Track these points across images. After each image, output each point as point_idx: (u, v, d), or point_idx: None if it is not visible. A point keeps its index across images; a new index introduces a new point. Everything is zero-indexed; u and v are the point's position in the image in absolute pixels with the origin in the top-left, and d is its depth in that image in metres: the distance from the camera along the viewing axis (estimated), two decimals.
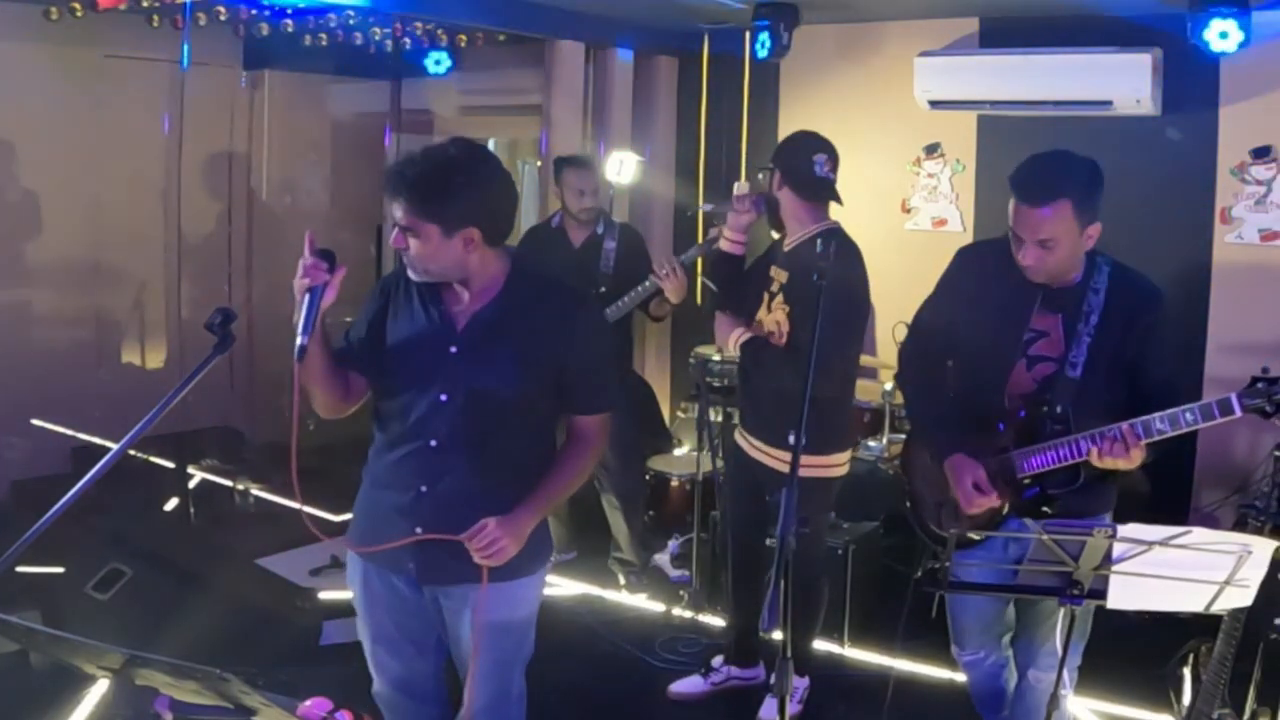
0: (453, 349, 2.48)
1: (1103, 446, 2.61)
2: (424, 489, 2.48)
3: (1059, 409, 2.74)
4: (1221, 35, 4.61)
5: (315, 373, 2.47)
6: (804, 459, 3.39)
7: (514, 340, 2.47)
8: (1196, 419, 2.54)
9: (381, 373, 2.56)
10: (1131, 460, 2.59)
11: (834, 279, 3.17)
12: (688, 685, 4.01)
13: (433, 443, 2.47)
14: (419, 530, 2.47)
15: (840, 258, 3.29)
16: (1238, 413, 2.51)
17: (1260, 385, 2.52)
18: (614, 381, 2.73)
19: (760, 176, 3.71)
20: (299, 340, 2.35)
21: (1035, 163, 2.71)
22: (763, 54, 5.73)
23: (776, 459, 3.61)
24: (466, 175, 2.41)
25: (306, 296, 2.37)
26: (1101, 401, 2.68)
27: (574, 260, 4.71)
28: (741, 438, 3.79)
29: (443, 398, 2.46)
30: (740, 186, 3.83)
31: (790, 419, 3.35)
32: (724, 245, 3.70)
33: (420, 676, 2.69)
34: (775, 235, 3.74)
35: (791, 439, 3.37)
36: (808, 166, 3.55)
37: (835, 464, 3.65)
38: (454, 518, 2.44)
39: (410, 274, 2.51)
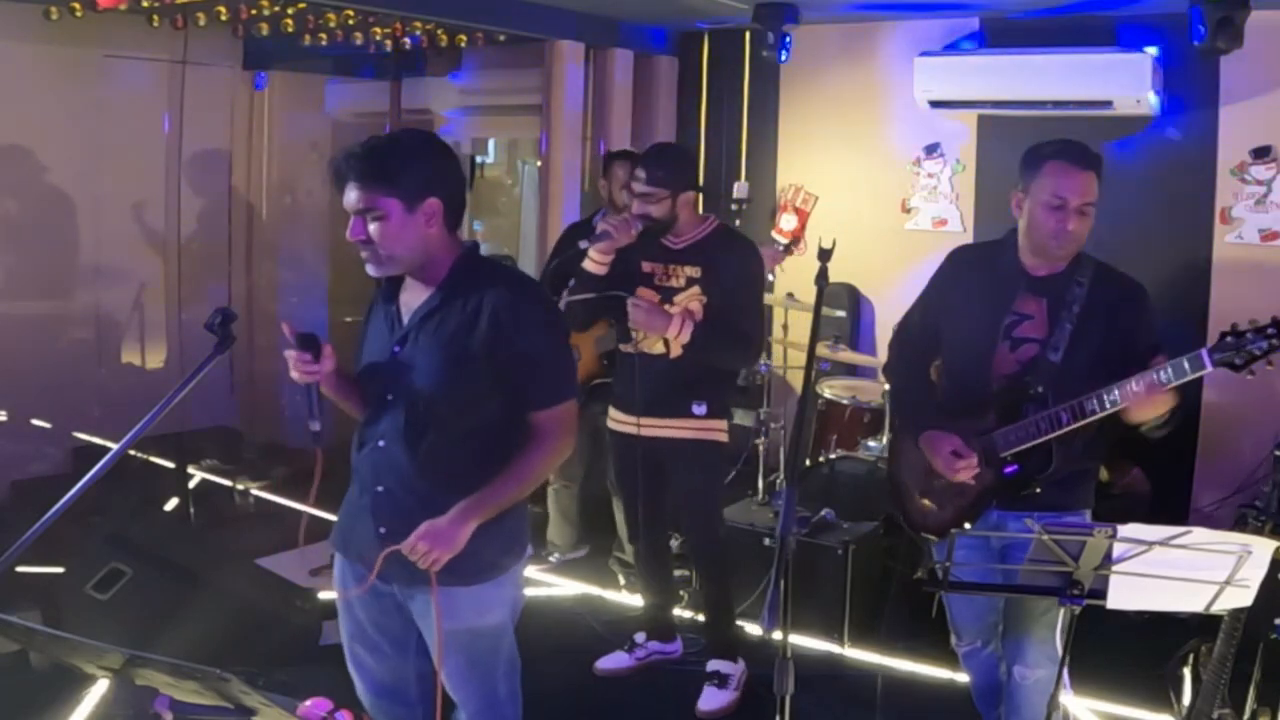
0: (396, 348, 2.46)
1: (1136, 393, 2.62)
2: (380, 489, 2.48)
3: (1038, 389, 2.81)
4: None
5: (341, 401, 2.56)
6: (705, 424, 3.76)
7: (449, 335, 2.41)
8: (1170, 377, 2.60)
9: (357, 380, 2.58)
10: (1160, 401, 2.62)
11: (755, 264, 3.71)
12: (613, 661, 4.15)
13: (381, 443, 2.47)
14: (383, 530, 2.46)
15: (752, 247, 3.81)
16: (1208, 367, 2.55)
17: (1229, 339, 2.56)
18: (570, 373, 2.57)
19: (646, 201, 3.67)
20: (314, 427, 2.37)
21: (1068, 140, 2.86)
22: (782, 58, 5.76)
23: (678, 428, 3.77)
24: (416, 143, 2.42)
25: (305, 389, 2.38)
26: (1081, 387, 2.72)
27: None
28: (626, 424, 3.84)
29: (389, 398, 2.46)
30: (609, 220, 3.83)
31: (693, 390, 3.73)
32: (591, 267, 3.71)
33: (401, 680, 2.63)
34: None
35: (695, 408, 3.73)
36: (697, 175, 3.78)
37: (724, 429, 3.85)
38: (407, 519, 2.40)
39: (371, 269, 2.42)
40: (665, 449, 3.83)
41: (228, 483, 5.95)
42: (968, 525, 2.91)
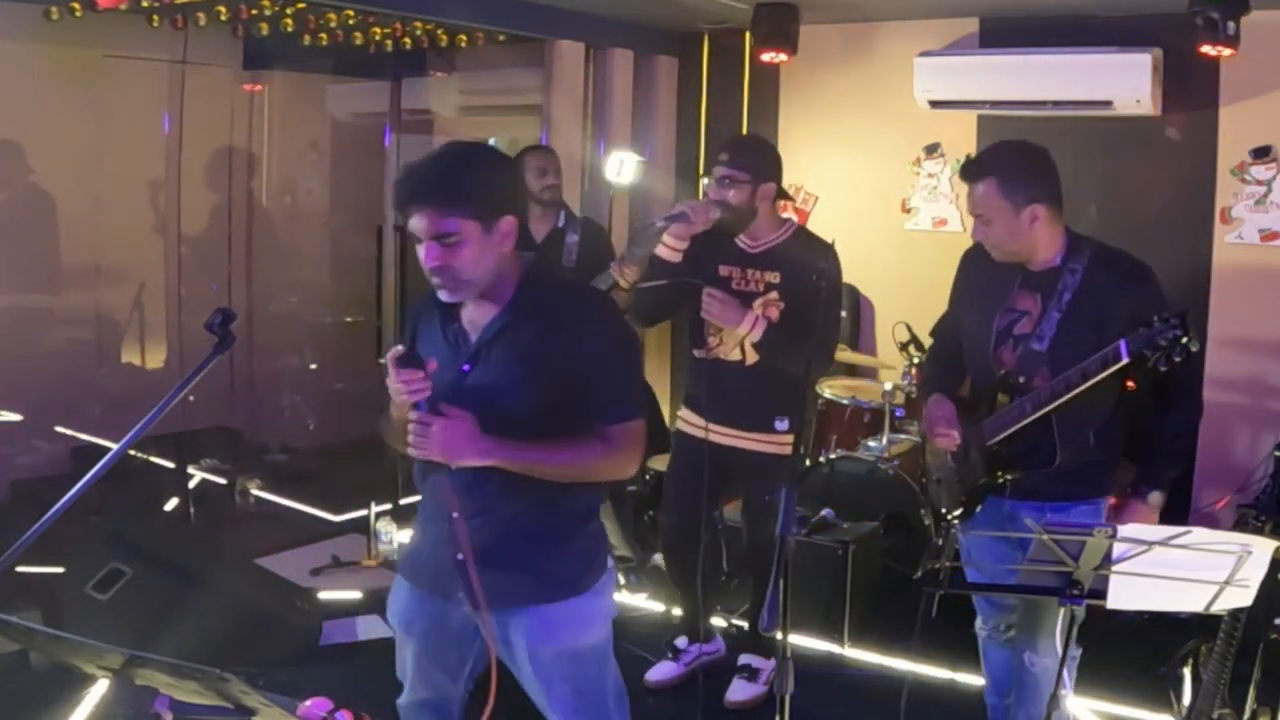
0: (465, 367, 2.36)
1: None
2: (455, 515, 2.33)
3: (1021, 379, 2.88)
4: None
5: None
6: (786, 439, 3.72)
7: (524, 351, 2.34)
8: (1097, 369, 2.69)
9: None
10: (1151, 511, 2.78)
11: (834, 269, 3.58)
12: (663, 672, 4.07)
13: (454, 466, 2.32)
14: (460, 557, 2.34)
15: (831, 251, 3.61)
16: (1124, 358, 2.62)
17: (1142, 330, 2.61)
18: (635, 390, 2.48)
19: (724, 185, 3.63)
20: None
21: (981, 150, 3.01)
22: (768, 58, 5.78)
23: (758, 441, 3.74)
24: (484, 160, 2.34)
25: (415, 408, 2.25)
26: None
27: (535, 255, 4.65)
28: (700, 428, 3.75)
29: None
30: (703, 196, 3.78)
31: (776, 404, 3.68)
32: (664, 254, 3.65)
33: (447, 700, 2.60)
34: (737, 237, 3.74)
35: (779, 424, 3.69)
36: (780, 171, 3.75)
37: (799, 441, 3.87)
38: (489, 543, 2.34)
39: (446, 295, 2.33)
40: (739, 460, 3.77)
41: (228, 482, 5.94)
42: (978, 509, 2.99)
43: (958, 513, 3.06)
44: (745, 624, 4.21)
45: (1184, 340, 2.57)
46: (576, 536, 2.45)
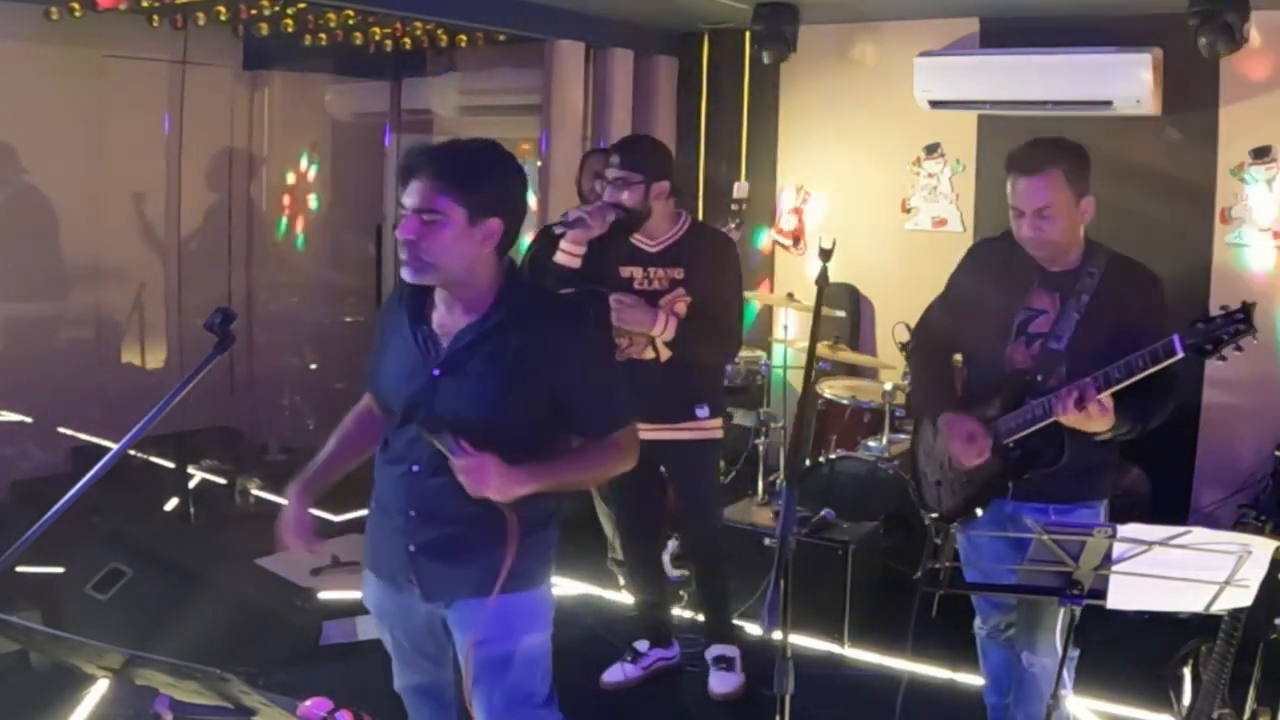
0: (435, 372, 2.33)
1: (1064, 401, 2.69)
2: (412, 514, 2.38)
3: (1037, 378, 2.87)
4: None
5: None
6: (707, 424, 3.79)
7: (499, 361, 2.31)
8: (1147, 363, 2.62)
9: (380, 401, 2.51)
10: (1091, 417, 2.67)
11: (734, 258, 3.74)
12: (620, 674, 4.05)
13: (415, 468, 2.36)
14: (412, 548, 2.39)
15: (729, 241, 3.85)
16: (1179, 353, 2.56)
17: (1199, 325, 2.57)
18: (621, 400, 2.46)
19: (618, 187, 3.63)
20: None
21: (1028, 142, 2.92)
22: (767, 60, 5.79)
23: (681, 430, 3.76)
24: (496, 158, 2.34)
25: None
26: (1087, 376, 2.73)
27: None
28: None
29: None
30: (578, 209, 3.77)
31: (694, 394, 3.75)
32: (564, 260, 3.65)
33: (440, 685, 2.62)
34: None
35: (699, 411, 3.75)
36: (671, 168, 3.76)
37: (721, 426, 3.87)
38: (442, 541, 2.37)
39: (408, 273, 2.32)
40: (668, 453, 3.80)
41: (227, 482, 5.94)
42: (979, 511, 2.97)
43: (961, 514, 3.04)
44: (703, 616, 4.20)
45: (1247, 333, 2.54)
46: (527, 540, 2.38)
